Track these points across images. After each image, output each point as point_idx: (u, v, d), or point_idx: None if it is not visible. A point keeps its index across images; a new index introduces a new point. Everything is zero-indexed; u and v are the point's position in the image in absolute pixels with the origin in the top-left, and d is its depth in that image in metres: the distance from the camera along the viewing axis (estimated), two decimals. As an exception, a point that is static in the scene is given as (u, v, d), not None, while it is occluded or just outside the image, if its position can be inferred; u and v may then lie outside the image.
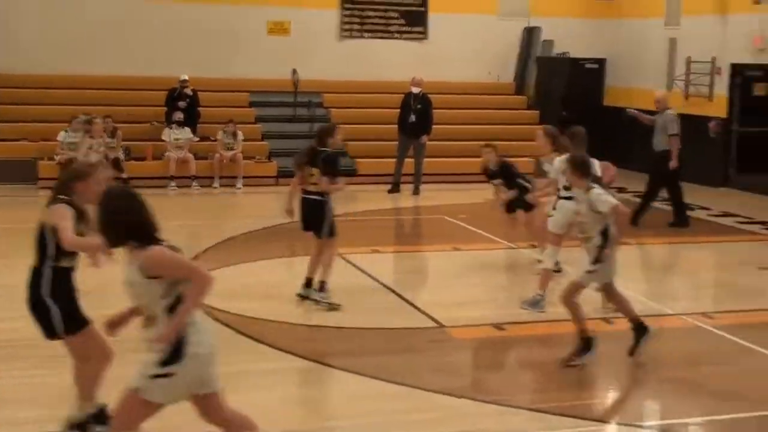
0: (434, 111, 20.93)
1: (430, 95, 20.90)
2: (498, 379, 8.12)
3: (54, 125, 19.68)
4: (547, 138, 11.00)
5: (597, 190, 8.60)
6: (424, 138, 19.96)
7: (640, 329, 8.63)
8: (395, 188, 19.62)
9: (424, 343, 9.09)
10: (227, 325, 9.42)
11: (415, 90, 20.30)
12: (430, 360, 8.56)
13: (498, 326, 9.61)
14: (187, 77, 20.82)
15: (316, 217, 10.55)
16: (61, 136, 19.20)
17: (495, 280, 12.54)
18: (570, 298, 8.48)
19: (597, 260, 8.42)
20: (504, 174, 12.49)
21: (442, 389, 7.71)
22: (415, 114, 20.10)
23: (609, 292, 8.90)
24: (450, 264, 13.13)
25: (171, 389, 5.53)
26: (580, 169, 8.76)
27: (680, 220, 16.17)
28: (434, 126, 20.91)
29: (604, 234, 8.46)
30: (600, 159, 10.39)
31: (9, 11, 21.81)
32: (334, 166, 10.73)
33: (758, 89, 21.06)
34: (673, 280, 13.08)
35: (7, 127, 20.19)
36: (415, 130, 20.03)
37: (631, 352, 8.58)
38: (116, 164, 19.26)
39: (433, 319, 9.79)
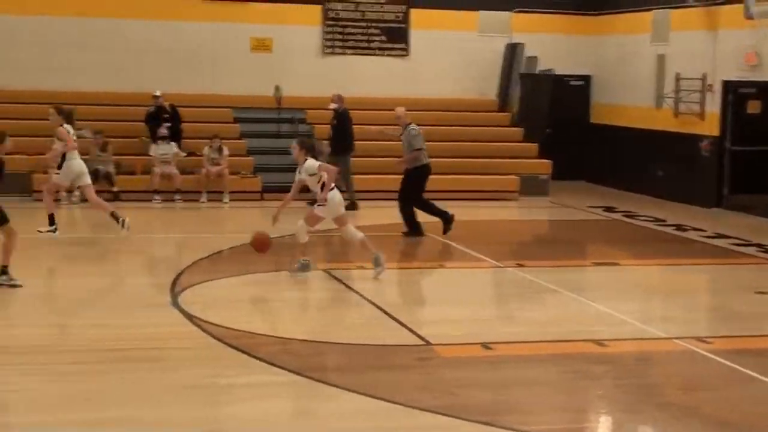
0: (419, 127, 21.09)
1: (414, 111, 21.02)
2: (486, 398, 8.15)
3: (48, 139, 19.76)
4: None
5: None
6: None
7: None
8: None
9: (411, 360, 9.13)
10: (215, 338, 9.48)
11: (332, 106, 20.30)
12: (416, 377, 8.61)
13: (485, 345, 9.65)
14: (159, 93, 20.92)
15: None
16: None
17: (482, 299, 12.63)
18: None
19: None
20: None
21: (428, 407, 7.74)
22: (333, 130, 20.22)
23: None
24: (436, 281, 13.22)
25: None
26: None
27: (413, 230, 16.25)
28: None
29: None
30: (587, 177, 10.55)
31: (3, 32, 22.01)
32: None
33: (751, 107, 20.82)
34: (666, 303, 12.85)
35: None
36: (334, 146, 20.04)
37: None
38: (107, 178, 19.54)
39: (419, 336, 9.85)
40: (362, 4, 24.75)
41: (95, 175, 19.71)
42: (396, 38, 25.02)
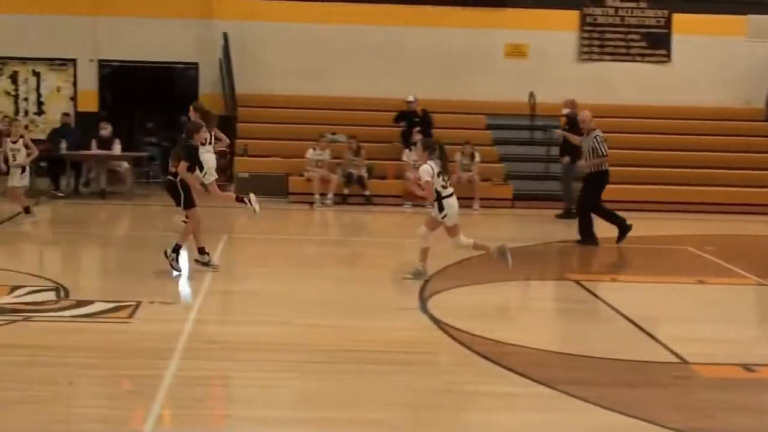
0: (678, 136, 20.49)
1: (672, 120, 20.41)
2: (746, 423, 7.68)
3: (303, 143, 20.35)
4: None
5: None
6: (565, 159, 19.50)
7: None
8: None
9: (667, 378, 8.74)
10: (463, 345, 9.37)
11: (565, 111, 19.86)
12: (672, 396, 8.22)
13: (747, 366, 9.14)
14: (413, 98, 21.09)
15: None
16: (309, 153, 19.98)
17: (744, 317, 12.03)
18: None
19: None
20: None
21: (683, 428, 7.37)
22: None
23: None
24: (694, 297, 12.67)
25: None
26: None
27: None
28: (679, 153, 20.42)
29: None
30: None
31: (260, 41, 22.80)
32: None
33: None
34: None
35: (262, 144, 20.98)
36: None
37: None
38: (360, 182, 19.90)
39: (675, 353, 9.43)
40: (622, 8, 24.23)
41: (348, 178, 20.13)
42: (656, 44, 24.43)
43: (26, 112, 23.97)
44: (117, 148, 20.56)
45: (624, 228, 15.89)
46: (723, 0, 24.12)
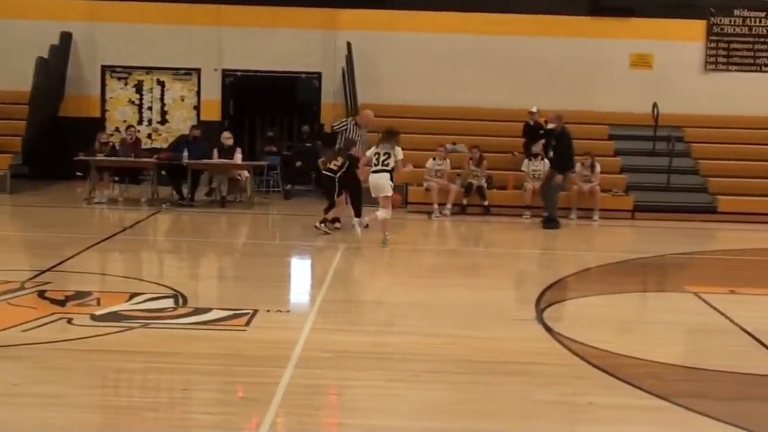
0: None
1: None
2: None
3: (423, 153, 20.43)
4: None
5: None
6: (559, 177, 19.17)
7: None
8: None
9: (791, 394, 8.57)
10: (578, 356, 9.29)
11: (551, 125, 19.42)
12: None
13: None
14: (536, 109, 20.99)
15: None
16: (429, 163, 20.06)
17: None
18: None
19: None
20: None
21: (803, 444, 7.21)
22: (552, 150, 19.34)
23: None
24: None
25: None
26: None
27: None
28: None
29: None
30: None
31: (382, 51, 23.02)
32: None
33: None
34: None
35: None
36: (552, 165, 19.49)
37: None
38: (480, 192, 19.93)
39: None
40: (750, 18, 23.78)
41: (468, 188, 20.14)
42: (785, 54, 23.90)
43: (150, 121, 24.52)
44: (238, 157, 20.87)
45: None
46: None
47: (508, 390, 8.19)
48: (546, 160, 20.55)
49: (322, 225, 16.33)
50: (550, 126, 19.52)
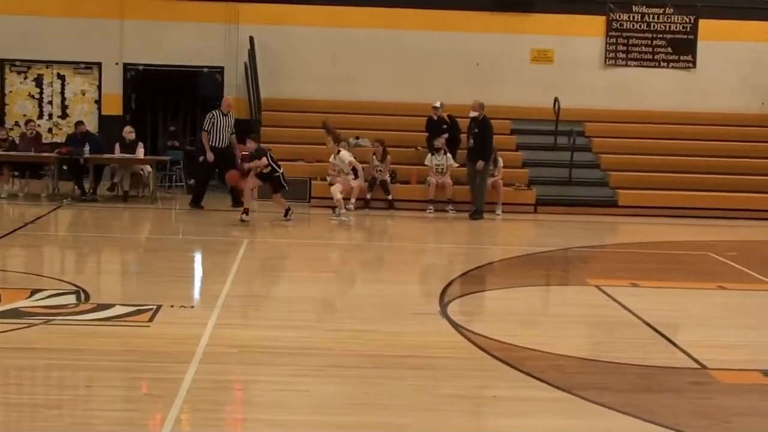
0: (702, 142, 20.43)
1: (697, 126, 20.37)
2: (764, 428, 7.66)
3: (326, 147, 20.36)
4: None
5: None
6: (481, 163, 19.28)
7: None
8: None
9: (685, 384, 8.71)
10: (482, 349, 9.37)
11: (473, 114, 19.57)
12: (689, 402, 8.18)
13: (766, 372, 9.12)
14: (440, 103, 21.08)
15: None
16: (332, 158, 19.93)
17: (763, 323, 11.97)
18: None
19: None
20: None
21: (702, 434, 7.36)
22: (473, 138, 19.49)
23: None
24: (714, 303, 12.61)
25: None
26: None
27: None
28: (702, 158, 20.38)
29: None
30: None
31: (285, 45, 22.89)
32: None
33: None
34: None
35: (286, 148, 21.04)
36: (472, 154, 19.54)
37: None
38: (383, 186, 19.96)
39: (694, 359, 9.41)
40: (648, 14, 24.17)
41: (371, 183, 20.17)
42: (682, 50, 24.31)
43: (50, 116, 24.11)
44: (140, 152, 20.64)
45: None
46: (750, 6, 24.04)
47: (412, 384, 8.22)
48: (449, 155, 20.66)
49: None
50: (473, 114, 19.67)
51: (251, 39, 23.06)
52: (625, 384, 8.69)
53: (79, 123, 21.70)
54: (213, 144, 19.40)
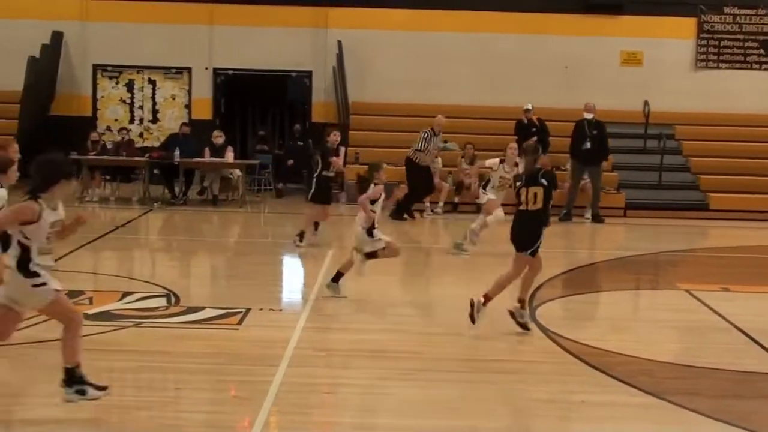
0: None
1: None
2: None
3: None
4: None
5: None
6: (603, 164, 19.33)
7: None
8: (567, 216, 19.41)
9: (777, 390, 8.59)
10: (571, 353, 9.30)
11: (588, 116, 19.54)
12: (784, 409, 8.07)
13: None
14: (530, 106, 20.91)
15: None
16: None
17: None
18: None
19: None
20: None
21: (795, 440, 7.23)
22: (591, 140, 19.24)
23: None
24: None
25: None
26: None
27: None
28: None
29: None
30: None
31: (373, 50, 22.99)
32: None
33: None
34: None
35: (374, 152, 20.99)
36: (590, 157, 19.55)
37: None
38: (470, 190, 19.84)
39: (797, 366, 9.24)
40: (740, 16, 23.80)
41: (459, 187, 20.11)
42: (775, 51, 23.94)
43: (141, 120, 24.48)
44: (230, 156, 20.83)
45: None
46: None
47: (503, 389, 8.22)
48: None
49: None
50: (588, 116, 20.02)
51: (339, 43, 23.18)
52: (717, 389, 8.56)
53: (184, 124, 22.07)
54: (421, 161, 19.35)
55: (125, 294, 11.07)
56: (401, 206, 18.64)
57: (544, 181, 9.89)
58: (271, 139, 24.74)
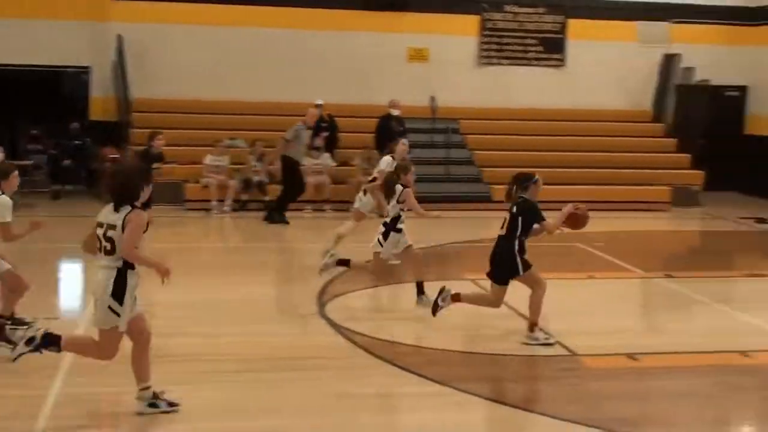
0: (572, 138, 20.80)
1: (566, 122, 20.75)
2: (631, 409, 7.88)
3: (200, 149, 20.16)
4: None
5: None
6: None
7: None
8: None
9: (557, 371, 8.94)
10: (361, 347, 9.46)
11: (395, 112, 20.25)
12: (562, 388, 8.42)
13: (631, 356, 9.40)
14: (322, 102, 20.89)
15: None
16: (208, 159, 19.79)
17: (628, 310, 12.33)
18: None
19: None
20: None
21: (574, 418, 7.53)
22: (399, 136, 19.80)
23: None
24: (583, 292, 12.93)
25: None
26: None
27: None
28: (571, 153, 20.75)
29: None
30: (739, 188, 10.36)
31: (157, 44, 22.48)
32: None
33: None
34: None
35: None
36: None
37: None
38: (260, 187, 19.75)
39: (565, 347, 9.63)
40: (520, 14, 24.54)
41: (247, 184, 20.00)
42: (553, 49, 24.76)
43: None
44: (-1, 157, 19.96)
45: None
46: (616, 7, 24.59)
47: (296, 386, 8.32)
48: (327, 153, 20.63)
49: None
50: (395, 112, 20.41)
51: (119, 37, 22.29)
52: (501, 374, 8.96)
53: None
54: None
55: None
56: (277, 208, 18.55)
57: None
58: (46, 138, 23.59)
